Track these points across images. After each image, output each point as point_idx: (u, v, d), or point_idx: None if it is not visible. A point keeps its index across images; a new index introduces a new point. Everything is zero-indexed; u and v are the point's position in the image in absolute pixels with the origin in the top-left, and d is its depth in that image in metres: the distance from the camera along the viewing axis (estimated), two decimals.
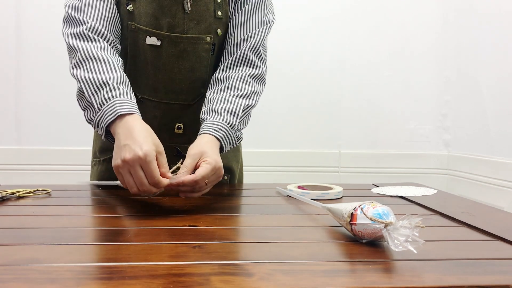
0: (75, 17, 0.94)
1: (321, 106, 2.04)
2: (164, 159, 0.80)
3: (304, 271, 0.49)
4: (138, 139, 0.78)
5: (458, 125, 2.01)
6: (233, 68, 1.03)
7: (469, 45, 1.92)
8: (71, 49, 0.93)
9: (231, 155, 1.15)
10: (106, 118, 0.84)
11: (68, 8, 0.96)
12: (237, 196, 1.02)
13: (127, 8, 0.99)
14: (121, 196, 0.94)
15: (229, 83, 1.00)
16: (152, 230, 0.66)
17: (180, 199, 0.91)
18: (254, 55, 1.03)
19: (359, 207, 0.59)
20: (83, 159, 1.90)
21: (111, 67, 0.89)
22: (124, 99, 0.85)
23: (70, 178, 1.94)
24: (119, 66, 0.91)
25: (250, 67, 1.03)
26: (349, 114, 2.05)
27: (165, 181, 0.77)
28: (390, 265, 0.52)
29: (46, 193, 0.95)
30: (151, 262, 0.51)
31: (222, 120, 0.94)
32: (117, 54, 0.96)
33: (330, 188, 0.97)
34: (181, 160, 0.84)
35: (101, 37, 0.94)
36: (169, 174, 0.79)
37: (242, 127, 0.99)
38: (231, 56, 1.03)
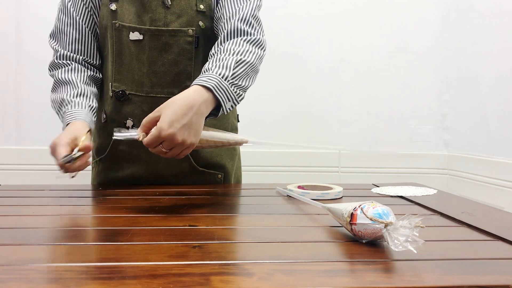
0: (52, 46, 1.11)
1: (320, 106, 2.04)
2: (59, 149, 0.88)
3: (304, 271, 0.49)
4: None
5: (458, 125, 2.02)
6: (226, 41, 1.00)
7: (469, 45, 1.92)
8: (51, 77, 1.10)
9: (225, 152, 1.16)
10: (63, 127, 0.98)
11: (49, 37, 1.12)
12: (236, 196, 1.02)
13: (111, 8, 1.04)
14: (121, 196, 0.94)
15: (222, 49, 0.97)
16: (152, 230, 0.66)
17: (180, 199, 0.91)
18: (245, 25, 1.01)
19: (359, 207, 0.59)
20: None
21: (71, 85, 1.04)
22: (72, 110, 0.99)
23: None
24: (79, 82, 1.05)
25: (242, 35, 1.00)
26: (349, 114, 2.05)
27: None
28: (390, 265, 0.52)
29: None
30: (151, 262, 0.51)
31: (212, 73, 0.89)
32: (82, 71, 1.08)
33: (330, 188, 0.97)
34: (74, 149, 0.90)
35: (70, 60, 1.08)
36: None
37: (239, 82, 0.92)
38: (223, 32, 1.02)
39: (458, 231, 0.68)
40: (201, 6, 1.05)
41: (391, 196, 0.97)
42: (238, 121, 1.23)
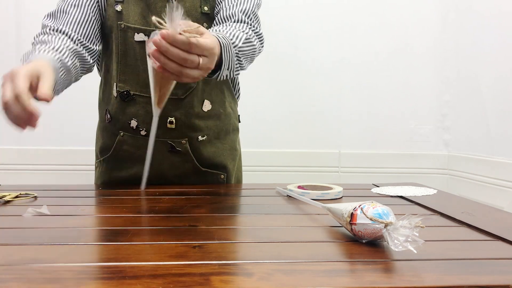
0: (45, 25, 1.01)
1: (320, 106, 2.04)
2: (43, 79, 0.73)
3: (304, 271, 0.49)
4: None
5: (458, 125, 2.02)
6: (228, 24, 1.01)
7: (469, 45, 1.92)
8: (33, 42, 0.99)
9: (227, 152, 1.16)
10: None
11: (46, 16, 1.03)
12: (237, 196, 1.01)
13: (116, 9, 1.03)
14: (121, 196, 0.94)
15: (229, 25, 0.98)
16: (152, 230, 0.66)
17: (180, 199, 0.91)
18: (247, 18, 1.02)
19: (359, 207, 0.59)
20: (84, 159, 1.90)
21: (47, 45, 0.92)
22: (37, 54, 0.87)
23: (71, 178, 1.94)
24: (59, 41, 0.94)
25: (244, 23, 1.02)
26: (349, 114, 2.05)
27: (22, 88, 0.68)
28: (390, 265, 0.52)
29: (33, 197, 0.91)
30: (151, 262, 0.51)
31: (225, 35, 0.89)
32: (68, 43, 0.97)
33: (330, 188, 0.97)
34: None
35: (60, 33, 0.98)
36: (46, 89, 0.72)
37: (241, 58, 0.93)
38: (226, 20, 1.03)
39: (458, 231, 0.68)
40: (206, 8, 1.05)
41: (391, 196, 0.97)
42: (239, 121, 1.24)
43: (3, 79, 0.71)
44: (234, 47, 0.89)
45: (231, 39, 0.89)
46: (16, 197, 0.90)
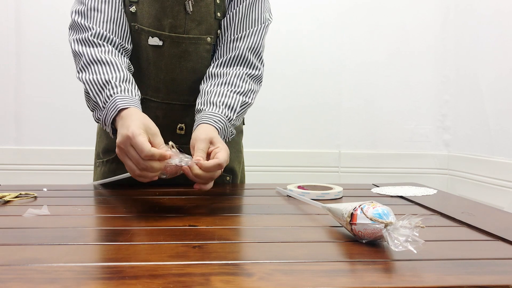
0: (80, 23, 0.97)
1: (321, 106, 2.04)
2: (158, 139, 0.79)
3: (304, 271, 0.49)
4: (127, 123, 0.80)
5: (458, 125, 2.02)
6: (231, 66, 1.03)
7: (469, 44, 1.92)
8: (76, 55, 0.96)
9: (233, 156, 1.15)
10: (110, 114, 0.86)
11: (74, 14, 0.98)
12: (237, 196, 1.02)
13: (130, 10, 1.00)
14: (121, 196, 0.94)
15: (226, 79, 1.00)
16: (152, 230, 0.66)
17: (180, 199, 0.91)
18: (253, 55, 1.03)
19: (359, 207, 0.59)
20: (84, 159, 1.90)
21: (113, 68, 0.91)
22: (124, 95, 0.87)
23: (70, 178, 1.94)
24: (122, 66, 0.93)
25: (249, 67, 1.03)
26: (349, 114, 2.05)
27: (160, 152, 0.75)
28: (390, 265, 0.52)
29: (33, 197, 0.90)
30: (151, 262, 0.51)
31: (221, 113, 0.94)
32: (121, 56, 0.97)
33: (330, 188, 0.97)
34: (170, 142, 0.81)
35: (106, 42, 0.96)
36: (169, 152, 0.77)
37: (236, 123, 0.99)
38: (228, 53, 1.03)
39: (458, 231, 0.68)
40: (219, 14, 1.04)
41: (391, 196, 0.97)
42: (244, 124, 1.23)
43: (121, 148, 0.79)
44: (229, 121, 0.95)
45: (226, 114, 0.95)
46: (16, 197, 0.89)
